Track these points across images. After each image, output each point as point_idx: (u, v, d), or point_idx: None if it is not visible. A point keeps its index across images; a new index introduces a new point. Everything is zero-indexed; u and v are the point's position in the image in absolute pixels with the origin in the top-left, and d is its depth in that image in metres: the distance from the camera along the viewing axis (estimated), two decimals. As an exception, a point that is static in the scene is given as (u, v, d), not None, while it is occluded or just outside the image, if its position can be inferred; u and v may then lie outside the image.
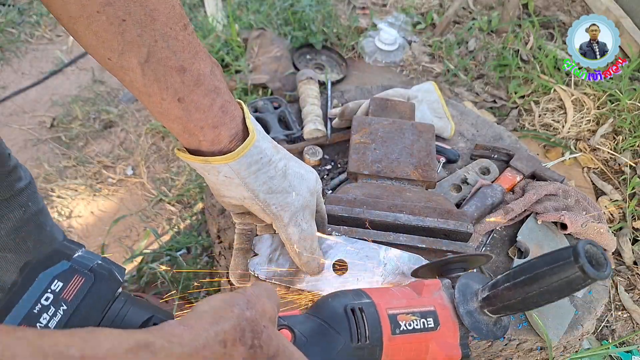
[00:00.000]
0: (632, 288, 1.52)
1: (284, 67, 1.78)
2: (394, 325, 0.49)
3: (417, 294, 0.54)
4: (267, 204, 0.65)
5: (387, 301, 0.51)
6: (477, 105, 1.99)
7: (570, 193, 1.08)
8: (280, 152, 0.67)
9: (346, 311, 0.49)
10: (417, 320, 0.51)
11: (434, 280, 0.57)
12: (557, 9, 2.47)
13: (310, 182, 0.69)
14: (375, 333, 0.49)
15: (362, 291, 0.52)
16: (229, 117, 0.59)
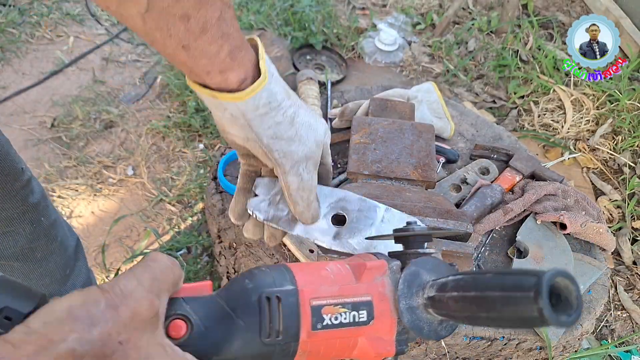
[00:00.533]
0: (631, 288, 1.53)
1: (284, 68, 1.78)
2: (316, 320, 0.42)
3: (356, 279, 0.45)
4: (270, 149, 0.64)
5: (314, 289, 0.43)
6: (476, 106, 1.99)
7: (569, 193, 1.08)
8: (292, 98, 0.65)
9: (260, 300, 0.41)
10: (346, 313, 0.43)
11: (379, 262, 0.47)
12: (556, 10, 2.47)
13: (318, 133, 0.67)
14: (291, 328, 0.41)
15: (290, 271, 0.44)
16: (237, 63, 0.57)
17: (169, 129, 1.82)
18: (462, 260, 0.81)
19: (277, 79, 0.63)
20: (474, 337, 0.90)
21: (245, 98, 0.58)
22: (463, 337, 0.90)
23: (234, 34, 0.56)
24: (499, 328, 0.43)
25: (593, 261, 1.01)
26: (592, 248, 1.06)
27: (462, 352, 0.94)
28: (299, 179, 0.66)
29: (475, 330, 0.90)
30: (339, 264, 0.46)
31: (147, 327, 0.33)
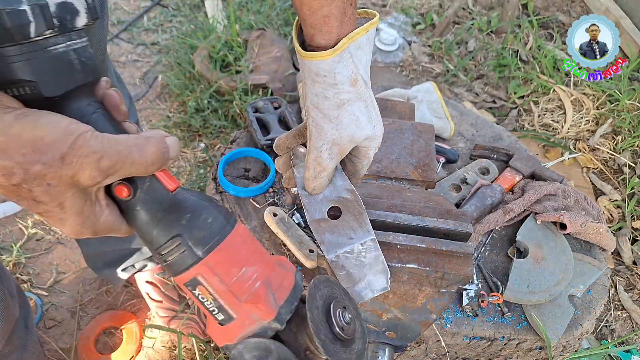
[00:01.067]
0: (631, 288, 1.53)
1: (284, 68, 1.78)
2: (190, 284, 0.48)
3: (246, 299, 0.49)
4: (308, 113, 0.68)
5: (211, 272, 0.48)
6: (476, 106, 1.99)
7: (569, 193, 1.08)
8: (358, 88, 0.65)
9: (177, 235, 0.47)
10: (211, 303, 0.49)
11: (270, 310, 0.50)
12: (556, 9, 2.47)
13: (359, 131, 0.68)
14: (175, 269, 0.48)
15: (219, 243, 0.48)
16: (327, 28, 0.61)
17: (169, 129, 1.82)
18: (462, 260, 0.82)
19: (353, 63, 0.64)
20: (474, 337, 0.90)
21: (304, 58, 0.62)
22: (463, 337, 0.90)
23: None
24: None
25: (593, 261, 1.01)
26: (592, 248, 1.06)
27: (462, 352, 0.94)
28: (317, 154, 0.70)
29: (476, 330, 0.90)
30: (257, 274, 0.50)
31: (79, 186, 0.42)
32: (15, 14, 0.37)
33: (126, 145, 0.42)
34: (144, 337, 1.30)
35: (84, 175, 0.41)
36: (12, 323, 0.98)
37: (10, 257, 1.41)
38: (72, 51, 0.42)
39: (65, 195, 0.41)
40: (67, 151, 0.39)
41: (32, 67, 0.40)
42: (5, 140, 0.37)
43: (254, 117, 1.19)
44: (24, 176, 0.39)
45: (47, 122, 0.39)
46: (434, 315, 0.84)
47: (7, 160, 0.37)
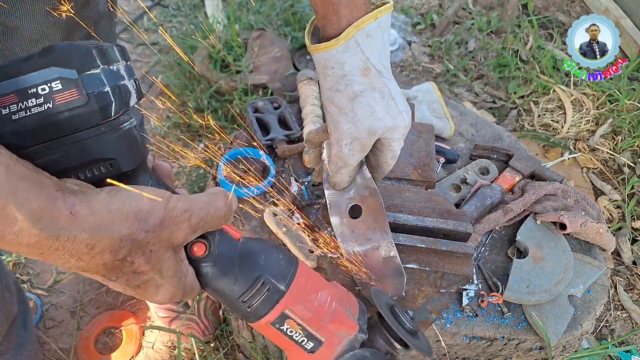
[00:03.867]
0: (631, 288, 1.53)
1: (284, 68, 1.78)
2: (279, 322, 0.51)
3: (329, 319, 0.53)
4: (325, 108, 0.67)
5: (296, 302, 0.51)
6: (476, 106, 1.99)
7: (569, 193, 1.08)
8: (370, 79, 0.63)
9: (258, 278, 0.50)
10: (300, 335, 0.52)
11: (353, 323, 0.55)
12: (556, 9, 2.47)
13: (377, 123, 0.66)
14: (259, 312, 0.50)
15: (293, 275, 0.52)
16: (337, 17, 0.60)
17: (168, 129, 1.82)
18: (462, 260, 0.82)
19: (362, 52, 0.62)
20: (474, 337, 0.90)
21: (312, 51, 0.62)
22: (463, 337, 0.90)
23: None
24: None
25: (593, 261, 1.01)
26: (592, 248, 1.06)
27: (462, 352, 0.94)
28: (338, 149, 0.69)
29: (475, 330, 0.90)
30: (330, 296, 0.54)
31: (174, 247, 0.45)
32: (100, 96, 0.39)
33: (203, 203, 0.45)
34: (143, 337, 1.30)
35: (180, 234, 0.44)
36: (10, 320, 0.98)
37: (10, 257, 1.41)
38: (134, 128, 0.45)
39: (164, 258, 0.44)
40: (165, 214, 0.42)
41: (111, 146, 0.42)
42: (110, 216, 0.39)
43: (253, 117, 1.19)
44: (130, 248, 0.40)
45: (136, 194, 0.41)
46: (434, 315, 0.84)
47: (116, 234, 0.39)
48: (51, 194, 0.36)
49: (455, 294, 0.93)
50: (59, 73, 0.37)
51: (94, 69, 0.39)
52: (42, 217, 0.35)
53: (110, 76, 0.40)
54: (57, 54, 0.38)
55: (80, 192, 0.39)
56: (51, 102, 0.38)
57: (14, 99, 0.37)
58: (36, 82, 0.37)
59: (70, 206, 0.37)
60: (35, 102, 0.38)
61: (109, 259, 0.39)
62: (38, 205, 0.35)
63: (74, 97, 0.38)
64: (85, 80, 0.38)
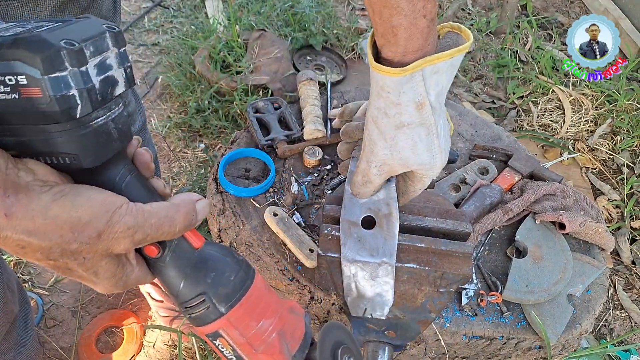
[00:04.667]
0: (630, 287, 1.53)
1: (284, 68, 1.79)
2: (212, 335, 0.52)
3: (261, 350, 0.53)
4: (366, 124, 0.66)
5: (232, 326, 0.51)
6: (475, 106, 2.00)
7: (568, 193, 1.09)
8: (423, 115, 0.61)
9: (202, 293, 0.50)
10: (230, 352, 0.53)
11: (285, 359, 0.55)
12: (555, 10, 2.48)
13: (413, 159, 0.65)
14: (198, 322, 0.51)
15: (237, 302, 0.51)
16: (395, 40, 0.58)
17: (169, 129, 1.83)
18: (461, 260, 0.82)
19: (424, 86, 0.60)
20: (473, 337, 0.91)
21: (373, 69, 0.60)
22: (462, 336, 0.90)
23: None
24: None
25: (592, 261, 1.02)
26: (591, 248, 1.06)
27: (461, 351, 0.94)
28: (367, 167, 0.69)
29: (475, 330, 0.90)
30: (273, 326, 0.54)
31: (113, 255, 0.44)
32: (64, 99, 0.38)
33: (157, 218, 0.44)
34: (144, 336, 1.30)
35: (119, 247, 0.43)
36: (11, 318, 0.99)
37: (12, 256, 1.41)
38: (110, 121, 0.43)
39: (99, 264, 0.44)
40: (104, 228, 0.41)
41: (74, 142, 0.41)
42: (44, 223, 0.38)
43: (254, 117, 1.19)
44: (61, 253, 0.41)
45: (84, 200, 0.40)
46: (434, 314, 0.85)
47: (46, 241, 0.39)
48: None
49: (454, 294, 0.94)
50: (23, 69, 0.37)
51: (59, 72, 0.37)
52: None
53: (78, 79, 0.38)
54: (24, 50, 0.36)
55: (26, 189, 0.39)
56: (17, 94, 0.37)
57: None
58: (4, 71, 0.37)
59: (7, 208, 0.37)
60: (3, 89, 0.37)
61: (40, 257, 0.40)
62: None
63: (37, 94, 0.37)
64: (49, 82, 0.37)
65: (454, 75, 0.63)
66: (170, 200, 0.48)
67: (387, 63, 0.60)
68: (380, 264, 0.74)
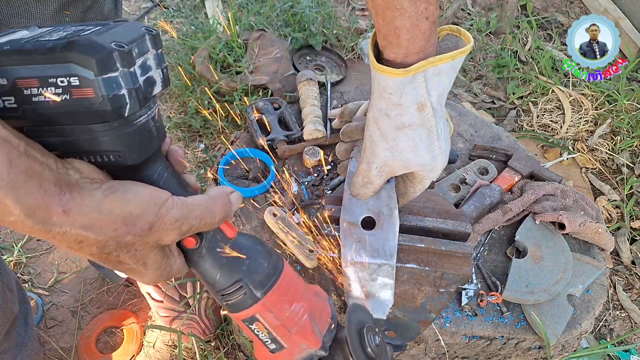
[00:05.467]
0: (630, 288, 1.53)
1: (284, 68, 1.79)
2: (248, 322, 0.55)
3: (295, 330, 0.56)
4: (367, 125, 0.66)
5: (267, 310, 0.54)
6: (475, 106, 2.00)
7: (568, 193, 1.09)
8: (424, 115, 0.62)
9: (238, 280, 0.52)
10: (265, 335, 0.56)
11: (317, 340, 0.58)
12: (555, 10, 2.48)
13: (413, 160, 0.65)
14: (235, 309, 0.54)
15: (273, 285, 0.54)
16: (397, 41, 0.59)
17: (169, 129, 1.83)
18: (461, 260, 0.82)
19: (425, 88, 0.60)
20: (473, 337, 0.91)
21: (375, 70, 0.60)
22: (462, 337, 0.90)
23: None
24: None
25: (592, 261, 1.02)
26: (590, 248, 1.06)
27: (461, 351, 0.94)
28: (367, 168, 0.69)
29: (475, 330, 0.90)
30: (304, 309, 0.57)
31: (161, 246, 0.47)
32: (115, 98, 0.40)
33: (200, 209, 0.47)
34: (144, 336, 1.30)
35: (168, 238, 0.45)
36: (11, 318, 0.99)
37: (12, 256, 1.41)
38: (151, 120, 0.46)
39: (149, 255, 0.46)
40: (154, 221, 0.43)
41: (120, 140, 0.43)
42: (99, 218, 0.40)
43: (254, 117, 1.19)
44: (115, 246, 0.43)
45: (133, 195, 0.42)
46: (433, 314, 0.85)
47: (102, 235, 0.41)
48: (48, 190, 0.38)
49: (454, 294, 0.94)
50: (77, 71, 0.38)
51: (111, 73, 0.39)
52: (35, 213, 0.37)
53: (127, 79, 0.40)
54: (78, 52, 0.38)
55: (77, 186, 0.40)
56: (69, 95, 0.39)
57: (35, 84, 0.39)
58: (56, 74, 0.39)
59: (64, 204, 0.39)
60: (54, 91, 0.39)
61: (95, 251, 0.42)
62: (34, 201, 0.37)
63: (89, 95, 0.39)
64: (102, 82, 0.39)
65: (455, 77, 0.63)
66: (208, 192, 0.50)
67: (388, 64, 0.60)
68: (380, 264, 0.74)
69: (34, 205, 0.37)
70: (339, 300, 0.90)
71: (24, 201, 0.36)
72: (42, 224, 0.38)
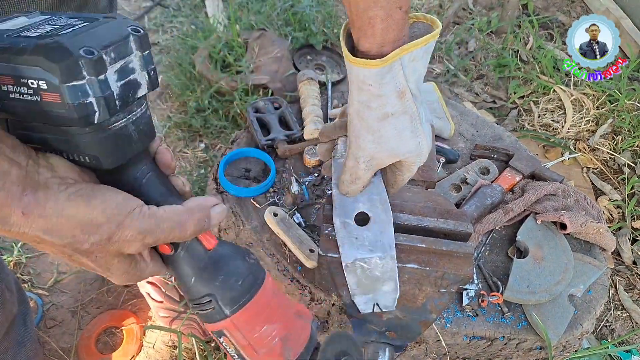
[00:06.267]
0: (631, 288, 1.53)
1: (284, 68, 1.78)
2: (217, 333, 0.54)
3: (263, 353, 0.55)
4: (350, 120, 0.66)
5: (235, 329, 0.53)
6: (476, 106, 1.99)
7: (569, 193, 1.08)
8: (404, 103, 0.62)
9: (208, 296, 0.51)
10: (233, 350, 0.55)
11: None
12: (556, 10, 2.47)
13: (400, 148, 0.66)
14: (204, 319, 0.53)
15: (245, 303, 0.53)
16: (372, 31, 0.59)
17: (169, 129, 1.82)
18: (462, 260, 0.82)
19: (403, 75, 0.60)
20: (474, 337, 0.90)
21: (352, 64, 0.60)
22: (463, 337, 0.90)
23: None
24: None
25: (593, 261, 1.01)
26: (592, 248, 1.06)
27: (462, 352, 0.94)
28: (354, 163, 0.69)
29: (476, 330, 0.90)
30: (277, 331, 0.55)
31: (122, 254, 0.45)
32: (81, 106, 0.39)
33: (169, 223, 0.45)
34: (144, 337, 1.30)
35: (130, 249, 0.44)
36: (10, 318, 0.99)
37: (11, 256, 1.41)
38: (130, 124, 0.44)
39: (111, 262, 0.45)
40: (115, 231, 0.42)
41: (94, 145, 0.42)
42: (58, 222, 0.40)
43: (254, 117, 1.19)
44: (73, 252, 0.43)
45: (98, 203, 0.42)
46: (434, 315, 0.84)
47: (59, 240, 0.41)
48: (10, 191, 0.38)
49: (455, 294, 0.94)
50: (44, 75, 0.38)
51: (76, 81, 0.38)
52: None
53: (95, 87, 0.39)
54: (44, 58, 0.37)
55: (44, 187, 0.40)
56: (39, 97, 0.39)
57: (10, 81, 0.39)
58: (26, 75, 0.38)
59: (24, 206, 0.39)
60: (26, 91, 0.39)
61: (55, 251, 0.43)
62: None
63: (56, 100, 0.38)
64: (67, 90, 0.38)
65: (428, 61, 0.64)
66: (186, 203, 0.48)
67: (363, 56, 0.61)
68: (380, 257, 0.74)
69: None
70: (339, 301, 0.89)
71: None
72: (1, 223, 0.39)
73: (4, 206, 0.38)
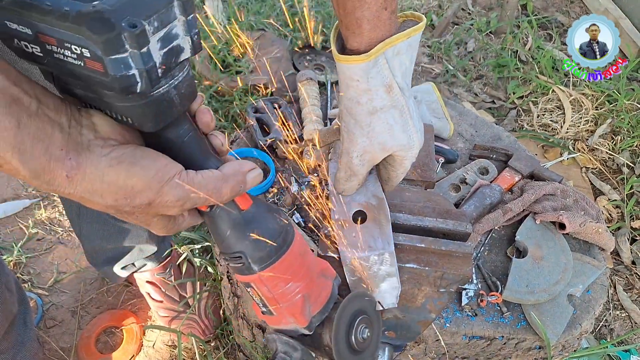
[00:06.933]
0: (630, 288, 1.53)
1: (284, 68, 1.78)
2: (244, 284, 0.59)
3: (285, 306, 0.59)
4: (341, 117, 0.68)
5: (263, 282, 0.57)
6: (475, 106, 2.00)
7: (568, 193, 1.08)
8: (392, 96, 0.64)
9: (239, 252, 0.55)
10: (258, 299, 0.60)
11: (304, 320, 0.60)
12: (555, 10, 2.48)
13: (391, 142, 0.67)
14: (233, 272, 0.58)
15: (274, 261, 0.56)
16: (359, 31, 0.61)
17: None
18: (461, 260, 0.82)
19: (389, 69, 0.62)
20: (473, 337, 0.91)
21: (339, 61, 0.62)
22: (462, 337, 0.90)
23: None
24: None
25: (592, 261, 1.02)
26: (591, 248, 1.06)
27: (461, 352, 0.94)
28: (348, 159, 0.70)
29: (475, 330, 0.90)
30: (300, 289, 0.59)
31: (160, 214, 0.48)
32: (123, 78, 0.39)
33: (206, 190, 0.47)
34: (144, 336, 1.30)
35: (168, 213, 0.47)
36: (10, 318, 0.99)
37: (11, 256, 1.41)
38: (173, 89, 0.44)
39: (152, 220, 0.48)
40: (154, 198, 0.44)
41: (135, 111, 0.43)
42: (101, 187, 0.42)
43: (254, 117, 1.19)
44: (116, 211, 0.46)
45: (138, 170, 0.43)
46: (434, 314, 0.84)
47: (103, 201, 0.43)
48: (54, 155, 0.39)
49: (454, 294, 0.94)
50: (87, 44, 0.37)
51: (119, 54, 0.38)
52: (41, 176, 0.39)
53: (138, 60, 0.39)
54: (86, 28, 0.36)
55: (87, 150, 0.41)
56: (82, 62, 0.39)
57: (54, 42, 0.39)
58: (70, 40, 0.38)
59: (68, 170, 0.40)
60: (70, 55, 0.39)
61: (102, 209, 0.45)
62: (39, 165, 0.39)
63: (99, 69, 0.38)
64: (110, 62, 0.38)
65: (415, 56, 0.65)
66: (223, 168, 0.49)
67: (352, 54, 0.62)
68: (380, 254, 0.74)
69: (39, 169, 0.39)
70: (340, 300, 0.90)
71: (29, 164, 0.38)
72: (47, 185, 0.40)
73: (49, 170, 0.39)
